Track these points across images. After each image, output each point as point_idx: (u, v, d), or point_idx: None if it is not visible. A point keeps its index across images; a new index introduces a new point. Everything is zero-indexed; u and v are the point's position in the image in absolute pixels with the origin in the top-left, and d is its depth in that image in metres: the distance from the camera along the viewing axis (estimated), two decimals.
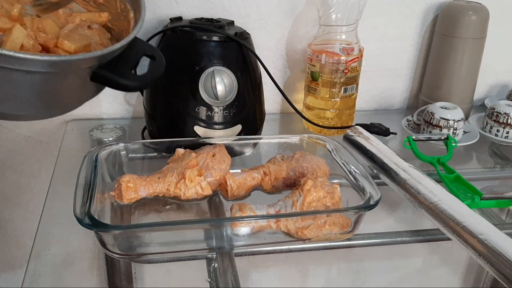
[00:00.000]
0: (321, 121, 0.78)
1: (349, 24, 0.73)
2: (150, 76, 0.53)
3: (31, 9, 0.55)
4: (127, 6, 0.57)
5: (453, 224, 0.48)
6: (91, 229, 0.43)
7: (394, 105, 0.96)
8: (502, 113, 0.77)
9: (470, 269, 0.54)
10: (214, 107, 0.66)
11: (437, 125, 0.74)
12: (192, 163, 0.54)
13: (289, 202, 0.50)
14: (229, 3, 0.78)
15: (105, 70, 0.48)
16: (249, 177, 0.57)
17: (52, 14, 0.57)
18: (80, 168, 0.52)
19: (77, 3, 0.59)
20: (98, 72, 0.48)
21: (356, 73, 0.76)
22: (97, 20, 0.57)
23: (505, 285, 0.42)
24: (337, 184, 0.53)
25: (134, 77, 0.51)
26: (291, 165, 0.58)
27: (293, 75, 0.87)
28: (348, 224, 0.50)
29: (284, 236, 0.50)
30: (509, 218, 0.60)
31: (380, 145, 0.63)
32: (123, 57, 0.50)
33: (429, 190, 0.52)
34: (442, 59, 0.85)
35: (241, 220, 0.48)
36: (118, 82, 0.48)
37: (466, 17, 0.81)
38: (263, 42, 0.82)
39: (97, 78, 0.48)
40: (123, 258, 0.48)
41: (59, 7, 0.55)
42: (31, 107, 0.47)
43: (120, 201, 0.52)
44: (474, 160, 0.77)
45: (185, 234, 0.48)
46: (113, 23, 0.59)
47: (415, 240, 0.56)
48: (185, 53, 0.66)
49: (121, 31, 0.58)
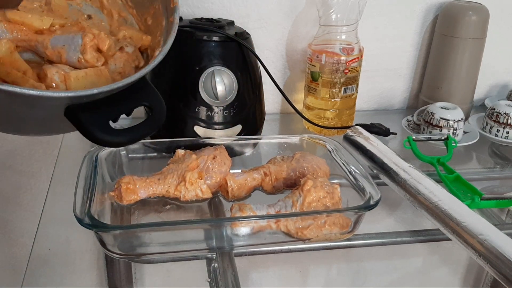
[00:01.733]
0: (321, 121, 0.78)
1: (349, 24, 0.73)
2: (136, 133, 0.43)
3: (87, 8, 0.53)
4: (161, 42, 0.50)
5: (453, 224, 0.48)
6: (91, 229, 0.43)
7: (394, 105, 0.96)
8: (502, 113, 0.77)
9: (470, 269, 0.54)
10: (214, 107, 0.66)
11: (437, 125, 0.74)
12: (193, 165, 0.54)
13: (289, 202, 0.51)
14: (229, 3, 0.78)
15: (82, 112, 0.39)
16: (250, 177, 0.57)
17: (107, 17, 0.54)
18: (80, 168, 0.52)
19: (133, 16, 0.55)
20: (73, 111, 0.39)
21: (356, 73, 0.76)
22: (138, 42, 0.52)
23: (505, 285, 0.42)
24: (337, 184, 0.53)
25: (114, 131, 0.41)
26: (292, 165, 0.58)
27: (293, 75, 0.87)
28: (348, 224, 0.50)
29: (284, 236, 0.50)
30: (509, 218, 0.60)
31: (380, 145, 0.63)
32: (114, 100, 0.41)
33: (429, 190, 0.52)
34: (442, 59, 0.85)
35: (241, 220, 0.48)
36: (90, 132, 0.39)
37: (466, 17, 0.81)
38: (263, 42, 0.82)
39: (70, 117, 0.40)
40: (123, 258, 0.48)
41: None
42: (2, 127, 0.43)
43: (120, 202, 0.52)
44: (474, 160, 0.77)
45: (185, 234, 0.48)
46: (151, 52, 0.53)
47: (415, 240, 0.56)
48: (185, 53, 0.66)
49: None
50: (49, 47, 0.47)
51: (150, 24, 0.53)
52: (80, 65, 0.47)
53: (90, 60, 0.47)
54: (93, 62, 0.47)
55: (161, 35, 0.51)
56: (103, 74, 0.46)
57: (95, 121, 0.40)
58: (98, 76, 0.46)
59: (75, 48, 0.47)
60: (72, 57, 0.47)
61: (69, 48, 0.47)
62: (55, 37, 0.47)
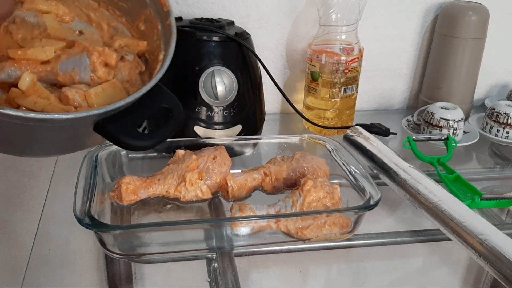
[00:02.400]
0: (321, 121, 0.78)
1: (349, 24, 0.73)
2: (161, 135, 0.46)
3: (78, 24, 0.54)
4: (161, 45, 0.52)
5: (453, 224, 0.48)
6: (91, 229, 0.43)
7: (394, 105, 0.96)
8: (502, 113, 0.77)
9: (470, 269, 0.54)
10: (214, 107, 0.66)
11: (437, 125, 0.74)
12: (193, 165, 0.54)
13: (289, 202, 0.50)
14: (229, 3, 0.78)
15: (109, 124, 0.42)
16: (250, 177, 0.57)
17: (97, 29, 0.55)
18: (80, 168, 0.52)
19: (122, 24, 0.56)
20: (101, 125, 0.42)
21: (356, 73, 0.76)
22: (135, 49, 0.53)
23: (505, 285, 0.42)
24: (337, 184, 0.53)
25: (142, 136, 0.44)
26: (292, 165, 0.58)
27: (293, 75, 0.87)
28: (348, 224, 0.50)
29: (284, 237, 0.50)
30: (509, 218, 0.60)
31: (380, 145, 0.63)
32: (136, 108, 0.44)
33: (429, 190, 0.52)
34: (442, 59, 0.85)
35: (241, 220, 0.48)
36: (120, 141, 0.42)
37: (466, 17, 0.81)
38: (263, 42, 0.82)
39: (99, 131, 0.43)
40: (123, 258, 0.48)
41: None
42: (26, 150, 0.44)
43: (120, 202, 0.52)
44: (474, 160, 0.77)
45: (185, 234, 0.48)
46: (150, 55, 0.54)
47: (415, 240, 0.56)
48: (185, 53, 0.66)
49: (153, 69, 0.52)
50: (60, 74, 0.48)
51: (144, 29, 0.54)
52: (93, 82, 0.48)
53: (102, 76, 0.48)
54: (106, 77, 0.49)
55: (159, 39, 0.52)
56: (117, 86, 0.48)
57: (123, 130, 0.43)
58: (113, 88, 0.48)
59: (85, 68, 0.49)
60: (85, 77, 0.49)
61: (80, 69, 0.48)
62: (62, 62, 0.48)
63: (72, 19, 0.53)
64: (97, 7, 0.55)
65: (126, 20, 0.56)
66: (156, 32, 0.53)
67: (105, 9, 0.55)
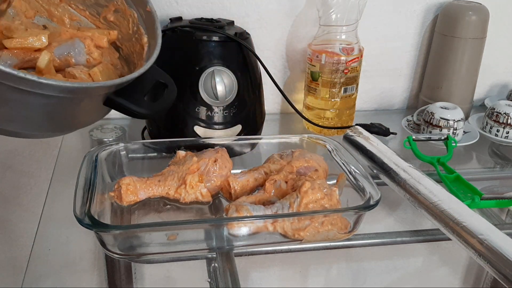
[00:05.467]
0: (321, 121, 0.78)
1: (349, 24, 0.73)
2: (163, 104, 0.52)
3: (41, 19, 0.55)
4: (141, 29, 0.56)
5: (453, 224, 0.48)
6: (91, 229, 0.43)
7: (394, 105, 0.96)
8: (502, 113, 0.77)
9: (470, 269, 0.54)
10: (214, 107, 0.66)
11: (437, 125, 0.74)
12: (193, 168, 0.54)
13: (286, 204, 0.50)
14: (229, 3, 0.78)
15: (119, 97, 0.47)
16: (251, 178, 0.57)
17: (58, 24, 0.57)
18: (80, 168, 0.52)
19: (86, 18, 0.59)
20: (112, 98, 0.47)
21: (356, 73, 0.76)
22: (102, 39, 0.56)
23: (505, 285, 0.42)
24: (336, 186, 0.53)
25: (147, 104, 0.50)
26: (293, 163, 0.57)
27: (293, 75, 0.87)
28: (346, 226, 0.50)
29: (282, 238, 0.50)
30: (509, 218, 0.60)
31: (380, 145, 0.63)
32: (136, 83, 0.49)
33: (429, 190, 0.52)
34: (442, 59, 0.85)
35: (238, 220, 0.48)
36: (131, 110, 0.48)
37: (466, 17, 0.81)
38: (263, 42, 0.82)
39: (110, 104, 0.48)
40: (123, 258, 0.48)
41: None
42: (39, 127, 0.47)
43: (120, 202, 0.52)
44: (474, 160, 0.77)
45: (184, 234, 0.48)
46: (123, 43, 0.58)
47: (415, 240, 0.56)
48: (185, 53, 0.66)
49: (132, 53, 0.57)
50: (56, 59, 0.51)
51: (113, 19, 0.58)
52: (88, 64, 0.52)
53: (97, 57, 0.53)
54: (100, 59, 0.53)
55: (136, 26, 0.56)
56: (110, 67, 0.53)
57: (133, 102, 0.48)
58: (108, 69, 0.52)
59: (80, 51, 0.53)
60: (80, 60, 0.53)
61: (75, 53, 0.52)
62: (56, 49, 0.51)
63: (34, 15, 0.55)
64: (58, 2, 0.57)
65: (89, 13, 0.59)
66: (131, 20, 0.57)
67: (67, 4, 0.57)
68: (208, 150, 0.58)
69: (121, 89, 0.48)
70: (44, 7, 0.56)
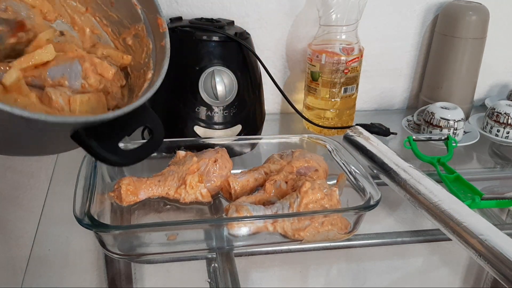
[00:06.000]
0: (321, 121, 0.78)
1: (349, 24, 0.73)
2: (139, 153, 0.45)
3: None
4: (150, 63, 0.51)
5: (453, 224, 0.48)
6: (91, 229, 0.43)
7: (394, 105, 0.96)
8: (502, 113, 0.77)
9: (470, 269, 0.54)
10: (214, 107, 0.66)
11: (437, 125, 0.74)
12: (193, 168, 0.54)
13: (286, 204, 0.50)
14: (229, 3, 0.78)
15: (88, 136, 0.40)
16: (251, 178, 0.57)
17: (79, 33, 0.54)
18: (80, 168, 0.52)
19: (107, 34, 0.55)
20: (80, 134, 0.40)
21: (356, 73, 0.76)
22: (118, 61, 0.52)
23: (505, 285, 0.42)
24: (336, 186, 0.52)
25: (120, 152, 0.42)
26: (293, 163, 0.57)
27: (293, 75, 0.87)
28: (346, 226, 0.50)
29: (282, 238, 0.50)
30: (509, 218, 0.60)
31: (380, 145, 0.62)
32: (116, 123, 0.42)
33: (429, 190, 0.52)
34: (442, 59, 0.85)
35: (238, 220, 0.48)
36: (97, 154, 0.41)
37: (466, 17, 0.81)
38: (263, 42, 0.82)
39: (77, 139, 0.41)
40: (123, 258, 0.48)
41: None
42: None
43: (120, 203, 0.52)
44: (474, 160, 0.77)
45: (184, 234, 0.48)
46: (133, 71, 0.53)
47: (415, 240, 0.56)
48: (185, 53, 0.66)
49: (136, 85, 0.52)
50: (48, 80, 0.46)
51: (131, 44, 0.54)
52: (83, 90, 0.47)
53: (94, 84, 0.48)
54: (97, 86, 0.48)
55: (148, 57, 0.51)
56: (102, 99, 0.47)
57: (103, 144, 0.41)
58: (98, 101, 0.47)
59: (76, 75, 0.47)
60: (74, 84, 0.47)
61: (70, 76, 0.47)
62: (51, 68, 0.46)
63: (55, 18, 0.52)
64: (84, 11, 0.54)
65: (112, 30, 0.55)
66: (146, 50, 0.52)
67: (92, 16, 0.54)
68: (208, 150, 0.58)
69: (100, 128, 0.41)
70: (68, 12, 0.53)
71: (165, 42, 0.51)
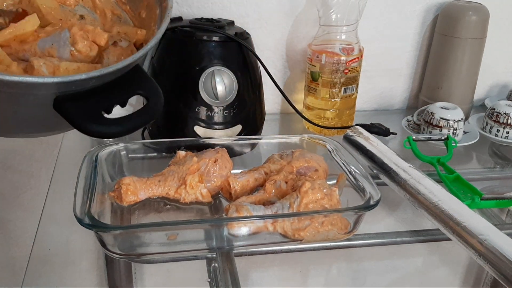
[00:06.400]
0: (321, 121, 0.78)
1: (349, 24, 0.73)
2: (128, 124, 0.39)
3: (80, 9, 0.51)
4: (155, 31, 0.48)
5: (453, 224, 0.48)
6: (91, 229, 0.43)
7: (394, 105, 0.96)
8: (502, 113, 0.77)
9: (470, 269, 0.54)
10: (214, 107, 0.66)
11: (437, 125, 0.74)
12: (193, 168, 0.54)
13: (286, 204, 0.50)
14: (229, 3, 0.78)
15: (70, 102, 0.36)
16: (252, 178, 0.57)
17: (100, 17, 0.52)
18: (80, 168, 0.52)
19: (126, 13, 0.54)
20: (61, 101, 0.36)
21: (356, 73, 0.76)
22: (133, 37, 0.50)
23: (505, 285, 0.42)
24: (336, 186, 0.53)
25: (105, 121, 0.38)
26: (293, 163, 0.57)
27: (293, 75, 0.87)
28: (346, 226, 0.50)
29: (283, 238, 0.50)
30: (509, 218, 0.60)
31: (380, 145, 0.63)
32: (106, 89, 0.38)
33: (429, 190, 0.52)
34: (442, 59, 0.85)
35: (238, 220, 0.48)
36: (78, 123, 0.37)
37: (466, 17, 0.81)
38: (263, 42, 0.82)
39: (57, 109, 0.37)
40: (123, 258, 0.48)
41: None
42: None
43: (120, 203, 0.52)
44: (474, 160, 0.77)
45: (184, 234, 0.48)
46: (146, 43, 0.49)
47: (415, 240, 0.56)
48: (185, 53, 0.66)
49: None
50: (38, 51, 0.44)
51: (144, 16, 0.52)
52: (73, 58, 0.44)
53: (82, 50, 0.44)
54: (87, 52, 0.44)
55: (155, 25, 0.49)
56: (90, 67, 0.44)
57: (85, 112, 0.37)
58: (87, 68, 0.43)
59: (65, 42, 0.44)
60: (64, 53, 0.44)
61: (59, 45, 0.44)
62: (41, 40, 0.45)
63: (77, 3, 0.51)
64: None
65: (130, 8, 0.53)
66: (154, 19, 0.50)
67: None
68: (208, 150, 0.58)
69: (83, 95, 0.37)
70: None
71: (167, 2, 0.48)
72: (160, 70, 0.67)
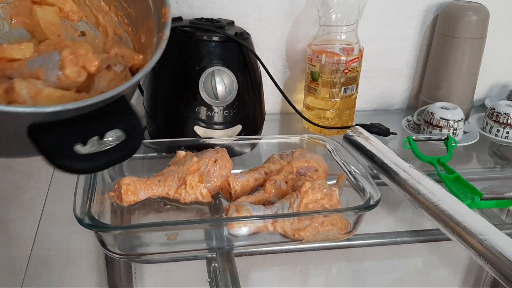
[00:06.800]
0: (321, 121, 0.78)
1: (349, 24, 0.73)
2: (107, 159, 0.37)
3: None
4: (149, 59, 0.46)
5: (453, 224, 0.48)
6: (91, 229, 0.43)
7: (394, 105, 0.96)
8: (502, 113, 0.77)
9: (470, 269, 0.54)
10: (214, 107, 0.66)
11: (437, 125, 0.74)
12: (194, 168, 0.54)
13: (286, 204, 0.50)
14: (229, 3, 0.78)
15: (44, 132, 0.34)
16: (252, 178, 0.57)
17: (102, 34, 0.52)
18: None
19: (128, 34, 0.53)
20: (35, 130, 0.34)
21: (356, 73, 0.76)
22: (130, 61, 0.48)
23: (505, 285, 0.42)
24: (336, 186, 0.53)
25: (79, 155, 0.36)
26: (293, 163, 0.58)
27: (293, 75, 0.87)
28: (346, 226, 0.50)
29: (282, 238, 0.50)
30: (509, 218, 0.60)
31: (380, 145, 0.63)
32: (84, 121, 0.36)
33: (429, 190, 0.52)
34: (442, 59, 0.85)
35: (238, 220, 0.48)
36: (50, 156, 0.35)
37: (466, 17, 0.81)
38: (263, 42, 0.82)
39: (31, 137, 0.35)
40: (123, 258, 0.48)
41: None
42: None
43: (120, 203, 0.52)
44: (474, 160, 0.77)
45: (184, 234, 0.48)
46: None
47: (415, 240, 0.56)
48: (185, 53, 0.66)
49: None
50: (26, 71, 0.42)
51: (144, 42, 0.50)
52: (61, 83, 0.42)
53: (70, 75, 0.42)
54: (74, 77, 0.42)
55: (151, 52, 0.47)
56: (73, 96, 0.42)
57: (59, 144, 0.35)
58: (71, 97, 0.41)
59: (54, 65, 0.42)
60: (51, 76, 0.42)
61: (47, 67, 0.42)
62: (31, 60, 0.43)
63: (80, 18, 0.51)
64: (107, 10, 0.53)
65: (131, 30, 0.53)
66: (151, 46, 0.48)
67: (115, 14, 0.53)
68: (208, 150, 0.58)
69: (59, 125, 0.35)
70: (93, 12, 0.52)
71: (163, 32, 0.46)
72: (160, 70, 0.67)
